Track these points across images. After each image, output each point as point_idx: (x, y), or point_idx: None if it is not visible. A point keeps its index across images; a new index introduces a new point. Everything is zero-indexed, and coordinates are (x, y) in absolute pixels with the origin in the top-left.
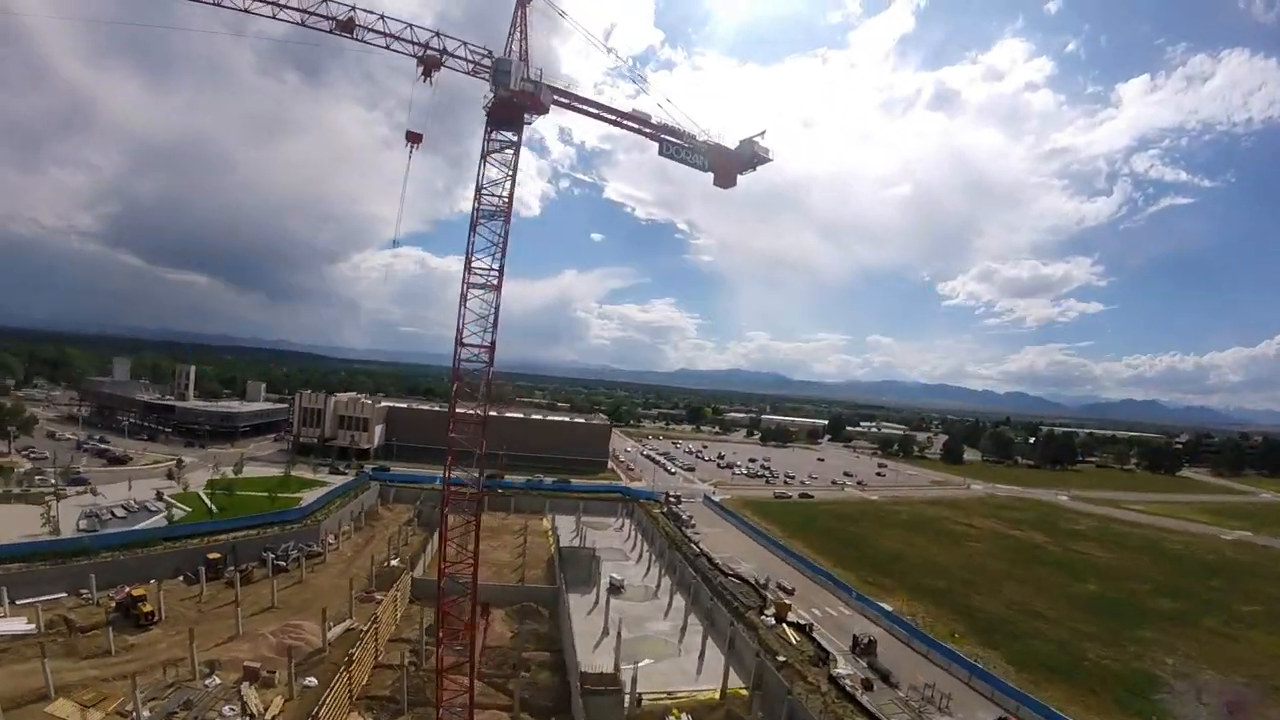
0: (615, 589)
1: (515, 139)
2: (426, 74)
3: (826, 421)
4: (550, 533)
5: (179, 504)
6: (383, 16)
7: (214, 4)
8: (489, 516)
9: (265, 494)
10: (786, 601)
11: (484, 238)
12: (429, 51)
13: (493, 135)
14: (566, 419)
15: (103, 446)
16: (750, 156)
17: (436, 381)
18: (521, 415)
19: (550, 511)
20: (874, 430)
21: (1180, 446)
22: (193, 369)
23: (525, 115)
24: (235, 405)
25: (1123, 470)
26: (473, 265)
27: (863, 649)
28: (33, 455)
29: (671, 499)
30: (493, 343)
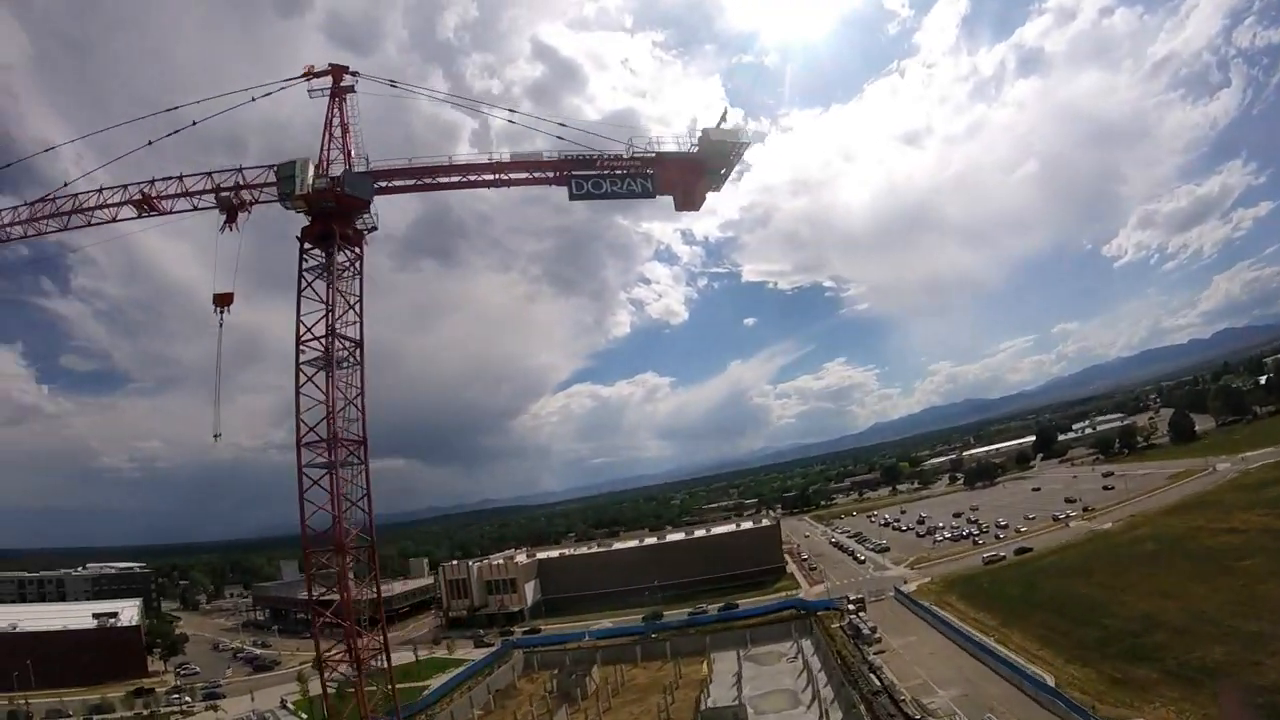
0: None
1: (329, 253)
2: (230, 220)
3: (1034, 438)
4: (707, 682)
5: (294, 712)
6: (180, 177)
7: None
8: (639, 670)
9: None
10: None
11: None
12: (221, 193)
13: (333, 259)
14: (732, 528)
15: (257, 652)
16: (717, 152)
17: (630, 509)
18: (683, 535)
19: (711, 650)
20: (1088, 431)
21: None
22: None
23: (356, 222)
24: (397, 586)
25: None
26: (340, 440)
27: None
28: (184, 671)
29: (850, 605)
30: (370, 523)
